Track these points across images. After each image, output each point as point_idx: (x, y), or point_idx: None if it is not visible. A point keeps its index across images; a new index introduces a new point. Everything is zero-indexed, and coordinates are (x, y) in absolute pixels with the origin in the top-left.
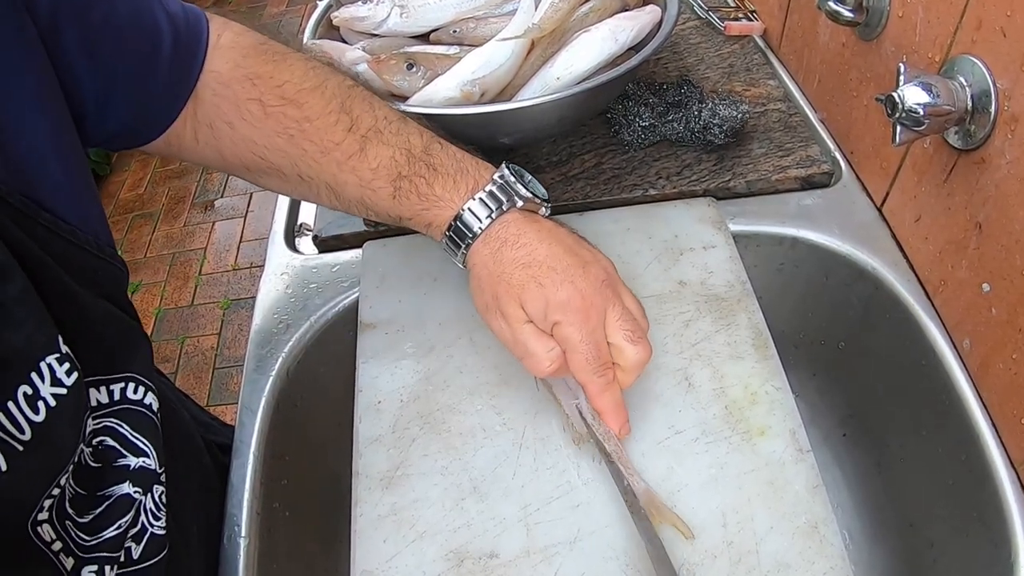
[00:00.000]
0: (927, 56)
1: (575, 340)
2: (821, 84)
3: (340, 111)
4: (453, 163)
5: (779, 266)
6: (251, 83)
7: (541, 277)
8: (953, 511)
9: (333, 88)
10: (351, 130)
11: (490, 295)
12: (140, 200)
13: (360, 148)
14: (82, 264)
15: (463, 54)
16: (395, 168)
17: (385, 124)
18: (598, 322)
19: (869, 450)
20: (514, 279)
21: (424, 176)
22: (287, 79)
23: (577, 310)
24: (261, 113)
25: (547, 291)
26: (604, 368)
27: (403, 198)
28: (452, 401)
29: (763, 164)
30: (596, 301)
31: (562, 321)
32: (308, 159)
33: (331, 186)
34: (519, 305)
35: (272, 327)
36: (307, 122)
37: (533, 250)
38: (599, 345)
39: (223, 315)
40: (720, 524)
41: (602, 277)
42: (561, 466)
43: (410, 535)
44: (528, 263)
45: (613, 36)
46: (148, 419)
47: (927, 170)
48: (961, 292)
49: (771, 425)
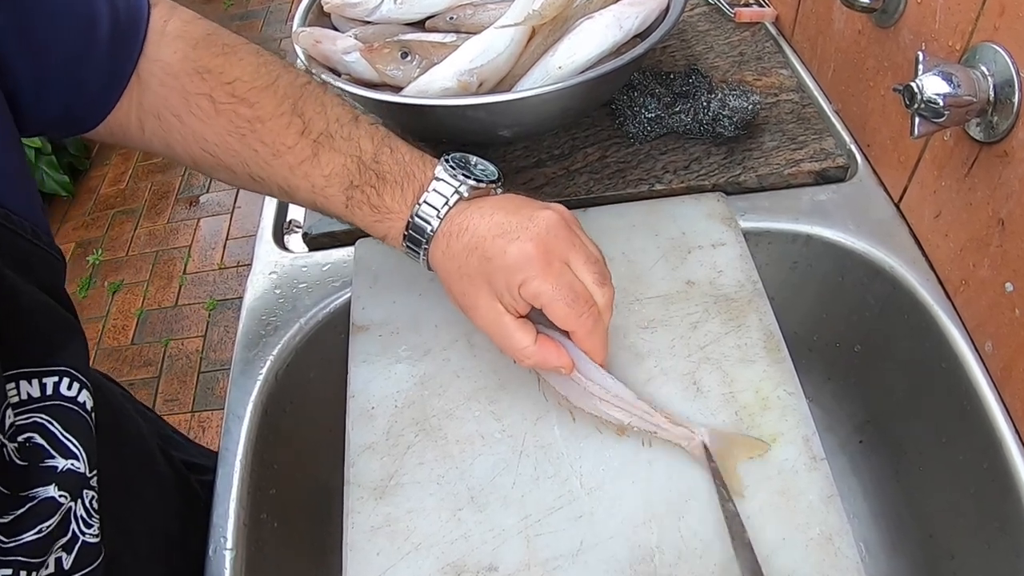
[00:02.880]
0: (947, 44)
1: (547, 292)
2: (836, 73)
3: (292, 113)
4: (400, 168)
5: (792, 265)
6: (200, 77)
7: (488, 251)
8: (974, 521)
9: (285, 86)
10: (303, 134)
11: (458, 295)
12: (121, 196)
13: (313, 153)
14: (16, 250)
15: (460, 42)
16: (347, 177)
17: (337, 128)
18: (562, 266)
19: (886, 458)
20: (469, 268)
21: (374, 186)
22: (238, 76)
23: (534, 261)
24: (212, 110)
25: (498, 261)
26: (587, 306)
27: (355, 208)
28: (449, 407)
29: (775, 157)
30: (554, 245)
31: (525, 279)
32: (259, 160)
33: (283, 188)
34: (487, 293)
35: (260, 329)
36: (259, 122)
37: (475, 230)
38: (572, 286)
39: (209, 316)
40: (730, 536)
41: (553, 219)
42: (563, 474)
43: (405, 547)
44: (475, 245)
45: (617, 23)
46: (81, 419)
47: (947, 164)
48: (983, 292)
49: (783, 432)
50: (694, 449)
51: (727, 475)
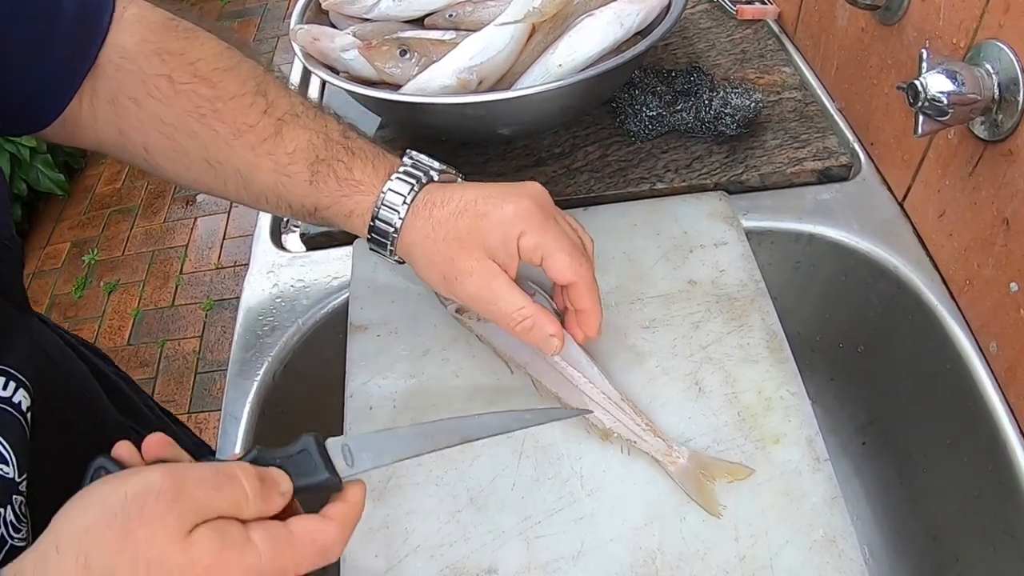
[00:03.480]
0: (951, 41)
1: (549, 241)
2: (839, 71)
3: (256, 93)
4: (371, 148)
5: (795, 264)
6: (160, 59)
7: (482, 209)
8: (979, 524)
9: (248, 70)
10: (267, 112)
11: (444, 262)
12: (117, 195)
13: (276, 131)
14: None
15: (459, 40)
16: (312, 151)
17: (303, 109)
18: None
19: (890, 460)
20: (459, 230)
21: (343, 160)
22: (200, 57)
23: (534, 214)
24: (170, 90)
25: (495, 216)
26: (585, 256)
27: (320, 183)
28: (448, 407)
29: (778, 156)
30: (546, 204)
31: (525, 230)
32: (219, 142)
33: (242, 172)
34: (480, 252)
35: (257, 329)
36: (220, 102)
37: (462, 196)
38: (571, 237)
39: (205, 316)
40: (732, 538)
41: (538, 187)
42: (564, 476)
43: (403, 549)
44: (464, 208)
45: (618, 20)
46: (14, 420)
47: (951, 162)
48: (988, 292)
49: (786, 433)
50: (669, 465)
51: (704, 496)
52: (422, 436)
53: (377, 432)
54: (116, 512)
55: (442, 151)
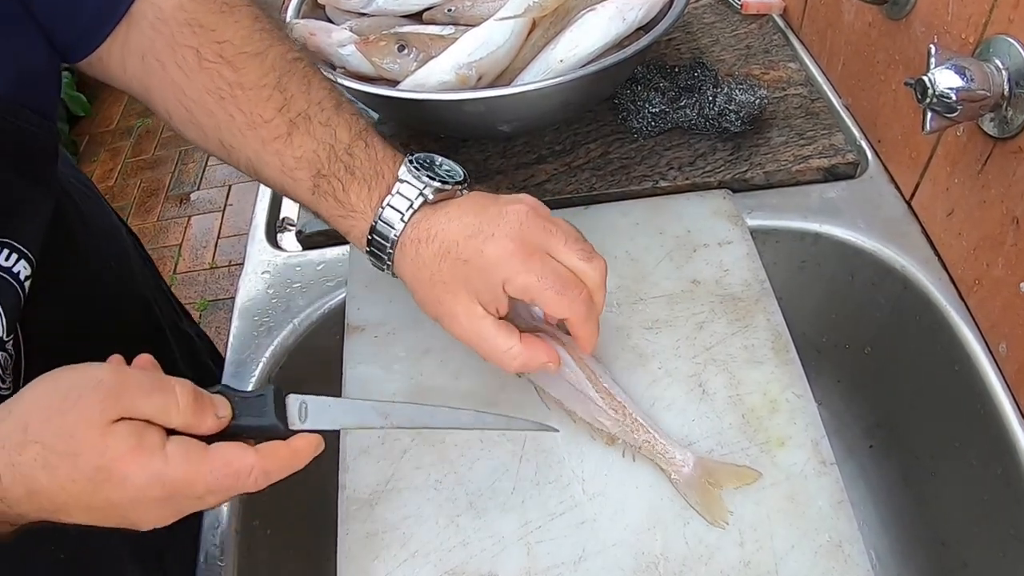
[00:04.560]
0: (960, 37)
1: (534, 283)
2: (846, 67)
3: (275, 87)
4: (371, 165)
5: (800, 264)
6: (191, 30)
7: (463, 254)
8: (988, 529)
9: (274, 58)
10: (282, 110)
11: (433, 304)
12: (110, 192)
13: (287, 132)
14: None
15: (458, 35)
16: (317, 164)
17: (317, 111)
18: (543, 255)
19: (897, 463)
20: (443, 274)
21: (341, 180)
22: (229, 37)
23: (515, 255)
24: (196, 64)
25: (476, 262)
26: (578, 290)
27: (321, 198)
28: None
29: (783, 153)
30: (531, 237)
31: (508, 276)
32: (233, 127)
33: (252, 161)
34: (466, 298)
35: (253, 330)
36: (239, 89)
37: (445, 235)
38: (558, 273)
39: (200, 317)
40: (737, 543)
41: (523, 211)
42: (565, 479)
43: (401, 554)
44: (446, 251)
45: (621, 15)
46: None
47: (960, 160)
48: (997, 292)
49: (792, 435)
50: (673, 474)
51: (710, 503)
52: (378, 412)
53: (338, 399)
54: (61, 394)
55: (441, 148)
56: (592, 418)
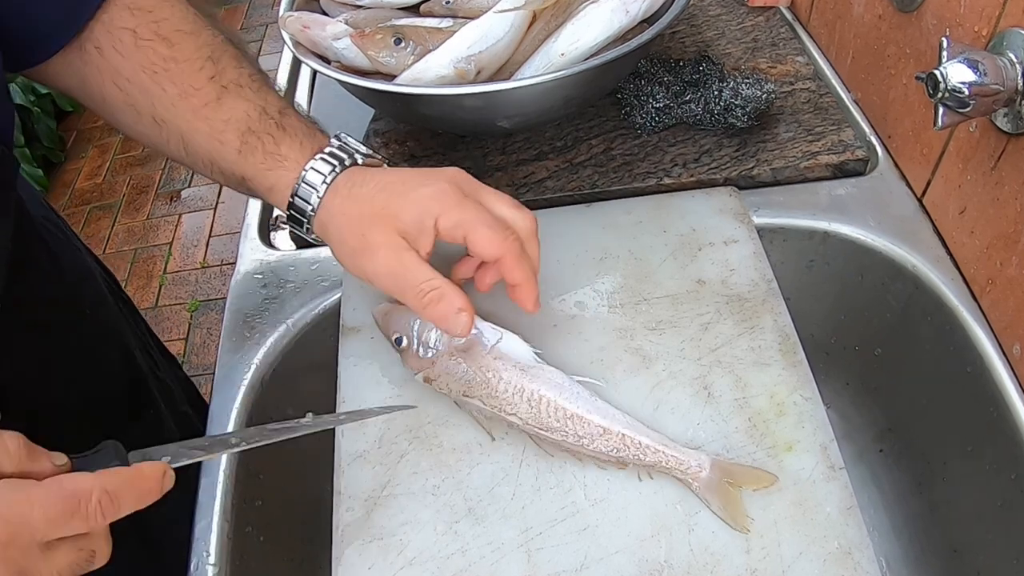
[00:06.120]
0: (973, 30)
1: (468, 218)
2: (855, 61)
3: (207, 59)
4: (304, 127)
5: (808, 263)
6: (130, 13)
7: (402, 188)
8: (1002, 536)
9: (207, 37)
10: (213, 79)
11: (355, 237)
12: (98, 190)
13: (217, 97)
14: None
15: (457, 27)
16: (246, 122)
17: (248, 80)
18: (476, 202)
19: (909, 468)
20: (376, 205)
21: (272, 135)
22: (166, 16)
23: (450, 195)
24: (132, 44)
25: (413, 195)
26: (510, 228)
27: (248, 154)
28: (444, 413)
29: (790, 150)
30: (465, 186)
31: (443, 212)
32: (166, 100)
33: (183, 133)
34: (391, 229)
35: (245, 331)
36: (173, 62)
37: (383, 177)
38: (491, 214)
39: (191, 318)
40: (743, 550)
41: (458, 171)
42: (566, 485)
43: (398, 562)
44: (383, 187)
45: (624, 7)
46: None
47: (973, 156)
48: (1011, 292)
49: (800, 440)
50: (692, 481)
51: (732, 505)
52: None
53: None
54: None
55: (439, 144)
56: (597, 454)
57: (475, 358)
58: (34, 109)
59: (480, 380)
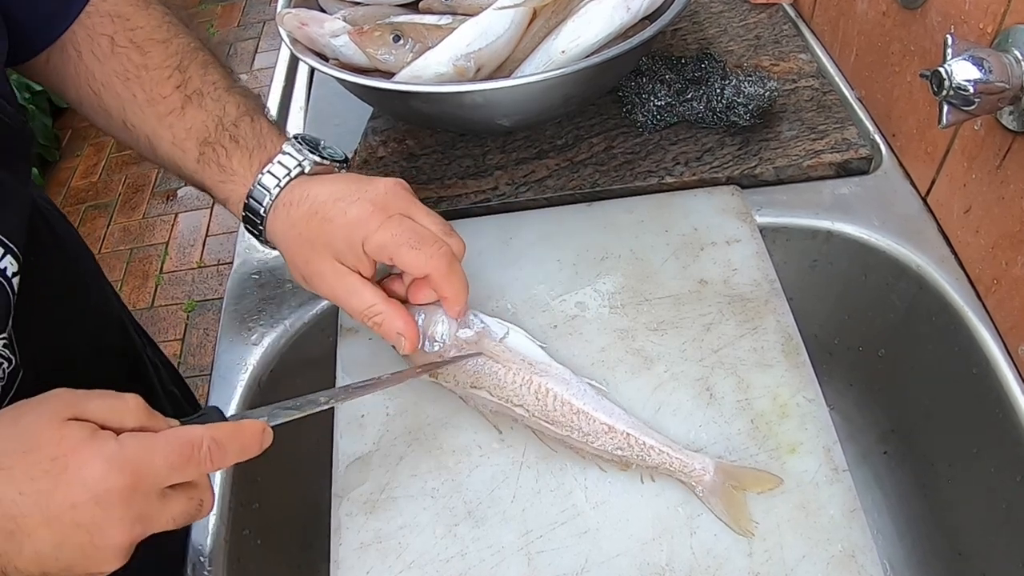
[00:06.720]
0: (978, 27)
1: (390, 239)
2: (859, 58)
3: (176, 68)
4: (255, 137)
5: (812, 263)
6: (110, 20)
7: (328, 214)
8: (1007, 539)
9: (177, 45)
10: (179, 87)
11: (302, 264)
12: (94, 189)
13: (181, 106)
14: None
15: (456, 24)
16: (203, 133)
17: (211, 89)
18: (401, 217)
19: (912, 470)
20: (310, 233)
21: (225, 147)
22: (142, 25)
23: (374, 216)
24: (109, 50)
25: (339, 221)
26: (436, 246)
27: (205, 165)
28: (444, 414)
29: (793, 148)
30: (392, 203)
31: (367, 236)
32: (135, 106)
33: (150, 139)
34: (329, 256)
35: (242, 332)
36: (144, 70)
37: (315, 198)
38: (415, 229)
39: (187, 318)
40: (745, 553)
41: (392, 183)
42: (567, 487)
43: (397, 565)
44: (314, 211)
45: (625, 4)
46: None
47: (978, 155)
48: (1016, 292)
49: (803, 441)
50: (696, 485)
51: (736, 509)
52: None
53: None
54: (13, 413)
55: (438, 142)
56: (600, 452)
57: (484, 349)
58: (29, 106)
59: (488, 371)
